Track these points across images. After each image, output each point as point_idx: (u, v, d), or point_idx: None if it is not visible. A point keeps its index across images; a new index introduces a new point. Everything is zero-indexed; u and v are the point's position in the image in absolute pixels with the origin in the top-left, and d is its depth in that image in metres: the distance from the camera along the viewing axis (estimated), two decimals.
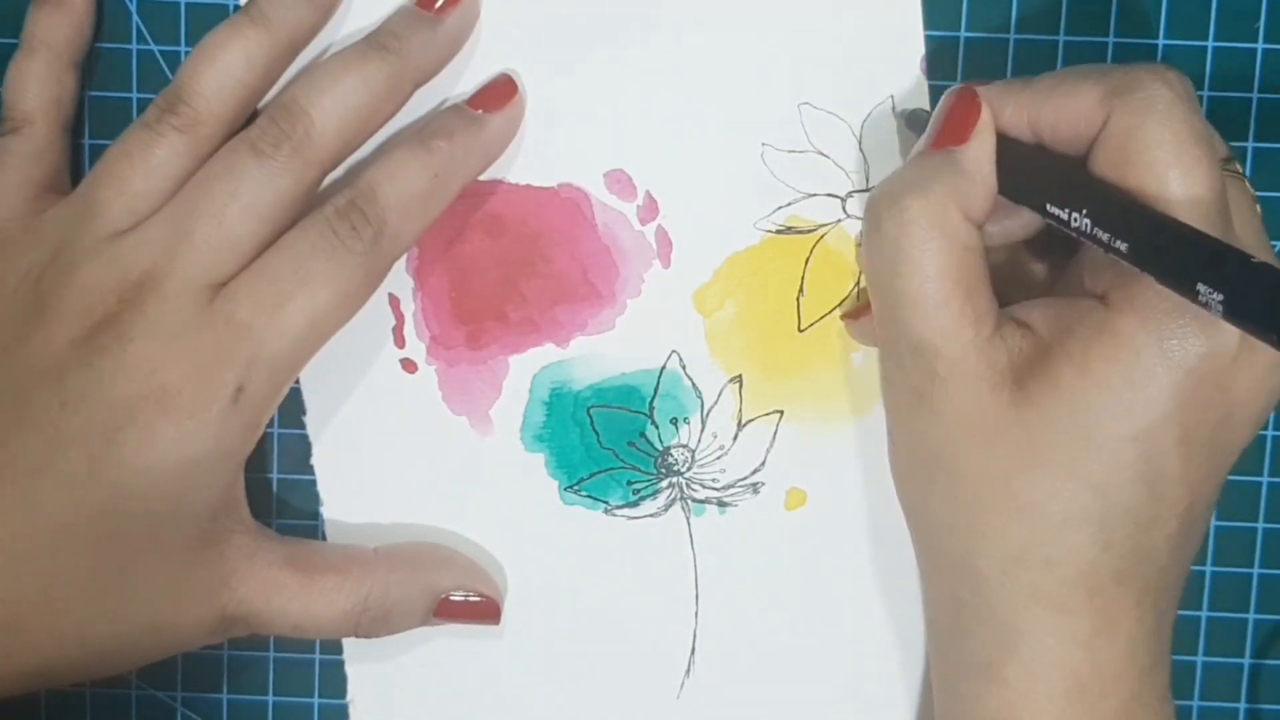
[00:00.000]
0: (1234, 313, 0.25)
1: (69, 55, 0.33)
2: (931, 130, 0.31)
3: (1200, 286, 0.25)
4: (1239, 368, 0.28)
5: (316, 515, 0.35)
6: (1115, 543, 0.28)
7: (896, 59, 0.34)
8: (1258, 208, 0.30)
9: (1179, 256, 0.26)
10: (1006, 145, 0.30)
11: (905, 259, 0.29)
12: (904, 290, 0.30)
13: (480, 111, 0.33)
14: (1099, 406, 0.28)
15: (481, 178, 0.34)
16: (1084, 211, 0.28)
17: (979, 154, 0.30)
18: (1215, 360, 0.28)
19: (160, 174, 0.31)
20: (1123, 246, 0.27)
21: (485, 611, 0.34)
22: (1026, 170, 0.30)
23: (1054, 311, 0.30)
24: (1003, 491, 0.29)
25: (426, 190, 0.31)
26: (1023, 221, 0.32)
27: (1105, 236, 0.27)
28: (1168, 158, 0.28)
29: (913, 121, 0.34)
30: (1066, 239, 0.29)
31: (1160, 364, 0.28)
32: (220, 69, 0.31)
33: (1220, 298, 0.25)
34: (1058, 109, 0.29)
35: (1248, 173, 0.35)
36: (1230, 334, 0.28)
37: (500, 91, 0.33)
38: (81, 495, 0.29)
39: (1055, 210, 0.29)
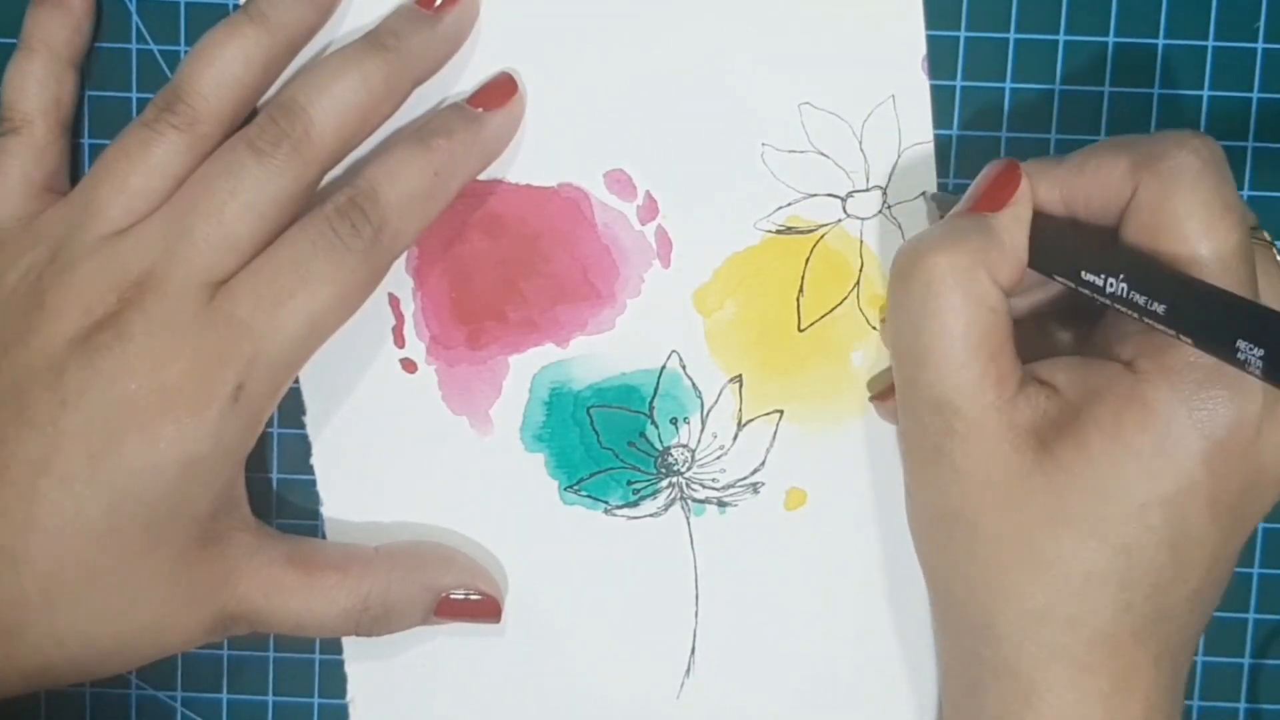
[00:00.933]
0: (1275, 369, 0.25)
1: (68, 55, 0.33)
2: (970, 195, 0.31)
3: (1240, 344, 0.25)
4: (1264, 436, 0.28)
5: (316, 515, 0.35)
6: (1137, 603, 0.29)
7: (897, 59, 0.34)
8: None
9: (1216, 318, 0.26)
10: (1040, 220, 0.30)
11: (931, 316, 0.29)
12: (927, 347, 0.30)
13: (480, 110, 0.33)
14: (1128, 472, 0.28)
15: (481, 177, 0.34)
16: (1120, 276, 0.28)
17: (1013, 223, 0.30)
18: (1242, 430, 0.28)
19: (159, 173, 0.31)
20: (1160, 309, 0.27)
21: (486, 610, 0.34)
22: (1060, 242, 0.30)
23: (1080, 374, 0.30)
24: (1025, 550, 0.29)
25: (427, 188, 0.31)
26: (1049, 297, 0.32)
27: (1141, 300, 0.28)
28: (1197, 226, 0.28)
29: (944, 205, 0.34)
30: (1089, 309, 0.30)
31: (1190, 432, 0.28)
32: (219, 68, 0.31)
33: (1260, 353, 0.25)
34: (1089, 183, 0.30)
35: (1247, 173, 0.35)
36: (1255, 402, 0.28)
37: (500, 90, 0.33)
38: (81, 494, 0.29)
39: (1090, 277, 0.29)
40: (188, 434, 0.29)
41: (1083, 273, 0.29)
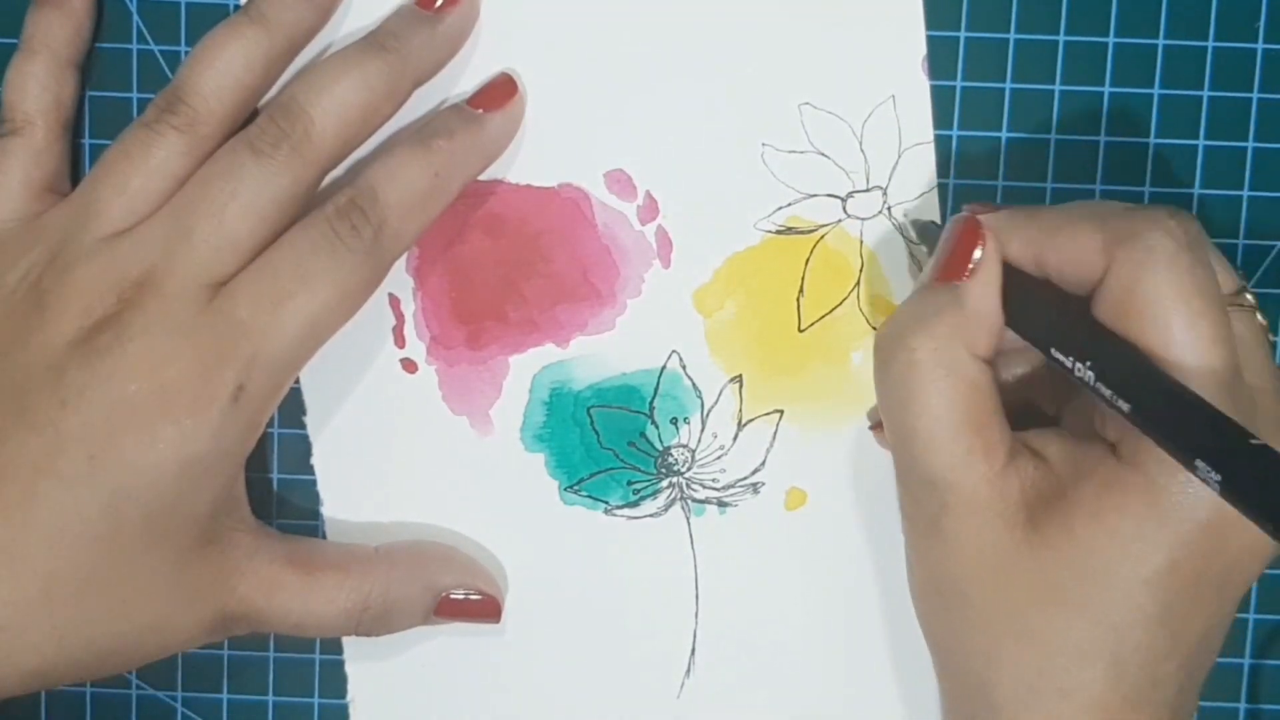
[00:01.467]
0: (1231, 493, 0.24)
1: (69, 56, 0.33)
2: (935, 262, 0.31)
3: (1199, 463, 0.25)
4: (1242, 522, 0.28)
5: (316, 515, 0.35)
6: (1128, 675, 0.29)
7: (897, 59, 0.34)
8: (1271, 339, 0.30)
9: (1181, 425, 0.26)
10: (1015, 279, 0.30)
11: (913, 398, 0.30)
12: (914, 428, 0.30)
13: (480, 111, 0.33)
14: (1111, 553, 0.28)
15: (481, 178, 0.34)
16: (1088, 364, 0.28)
17: (983, 289, 0.30)
18: (1222, 512, 0.28)
19: (159, 174, 0.31)
20: (1125, 407, 0.27)
21: (486, 610, 0.34)
22: (1033, 309, 0.30)
23: (1069, 451, 0.30)
24: (1017, 623, 0.29)
25: (427, 189, 0.32)
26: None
27: (1108, 393, 0.27)
28: (1169, 314, 0.27)
29: (924, 234, 0.34)
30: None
31: (1169, 517, 0.28)
32: (219, 69, 0.31)
33: (1218, 479, 0.25)
34: (1061, 251, 0.29)
35: (1247, 173, 0.35)
36: None
37: (500, 91, 0.33)
38: (82, 495, 0.29)
39: (1060, 357, 0.28)
40: (187, 434, 0.29)
41: (1053, 350, 0.29)
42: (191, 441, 0.29)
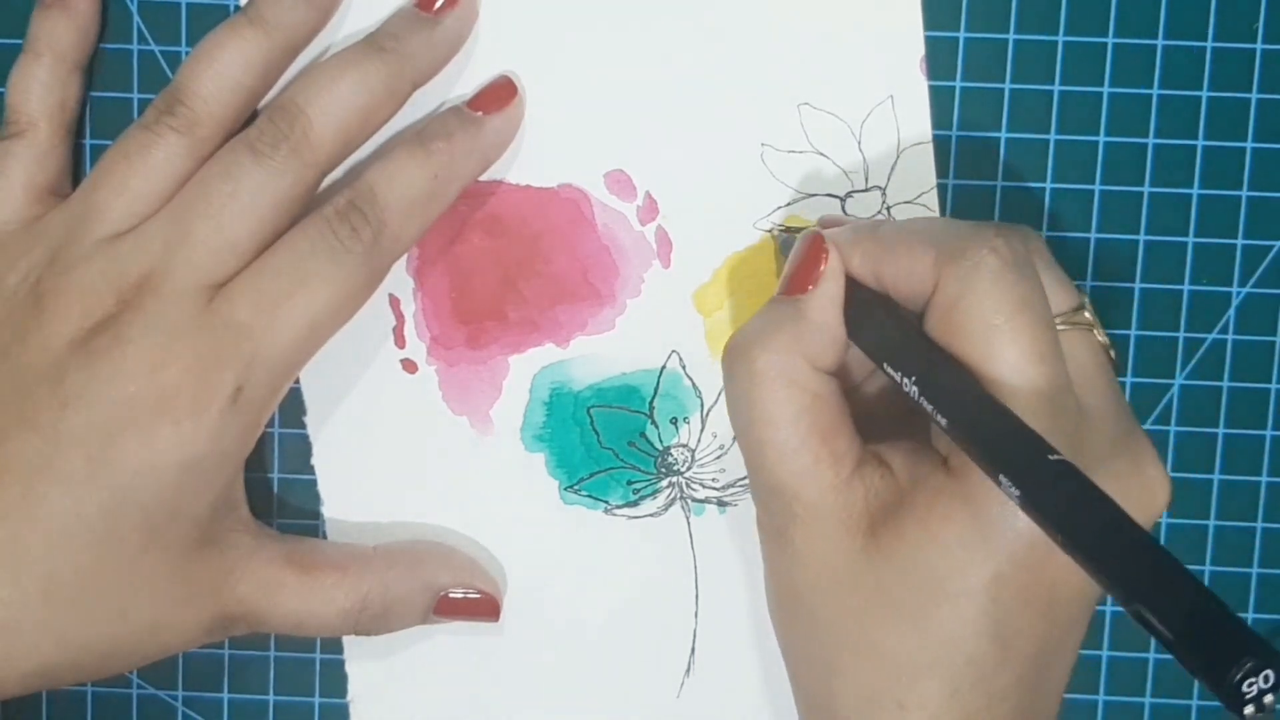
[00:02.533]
0: (1029, 507, 0.25)
1: (73, 59, 0.33)
2: (784, 277, 0.31)
3: (1002, 478, 0.25)
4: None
5: (317, 515, 0.36)
6: (963, 690, 0.28)
7: (896, 59, 0.34)
8: (1110, 354, 0.30)
9: (989, 439, 0.26)
10: (856, 293, 0.30)
11: (756, 408, 0.30)
12: (760, 438, 0.30)
13: (480, 113, 0.33)
14: (939, 564, 0.28)
15: (482, 178, 0.34)
16: (912, 379, 0.28)
17: (823, 303, 0.30)
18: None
19: (159, 175, 0.31)
20: (943, 421, 0.27)
21: (484, 608, 0.34)
22: (870, 323, 0.30)
23: (911, 460, 0.30)
24: (857, 634, 0.29)
25: (426, 191, 0.32)
26: None
27: (929, 408, 0.27)
28: (991, 329, 0.27)
29: (785, 244, 0.34)
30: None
31: (992, 530, 0.27)
32: (219, 70, 0.31)
33: (1017, 494, 0.25)
34: (896, 267, 0.29)
35: (1247, 173, 0.35)
36: None
37: (499, 93, 0.33)
38: (81, 495, 0.29)
39: (890, 371, 0.29)
40: (186, 436, 0.29)
41: (885, 364, 0.29)
42: (190, 443, 0.29)
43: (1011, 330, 0.27)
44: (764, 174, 0.34)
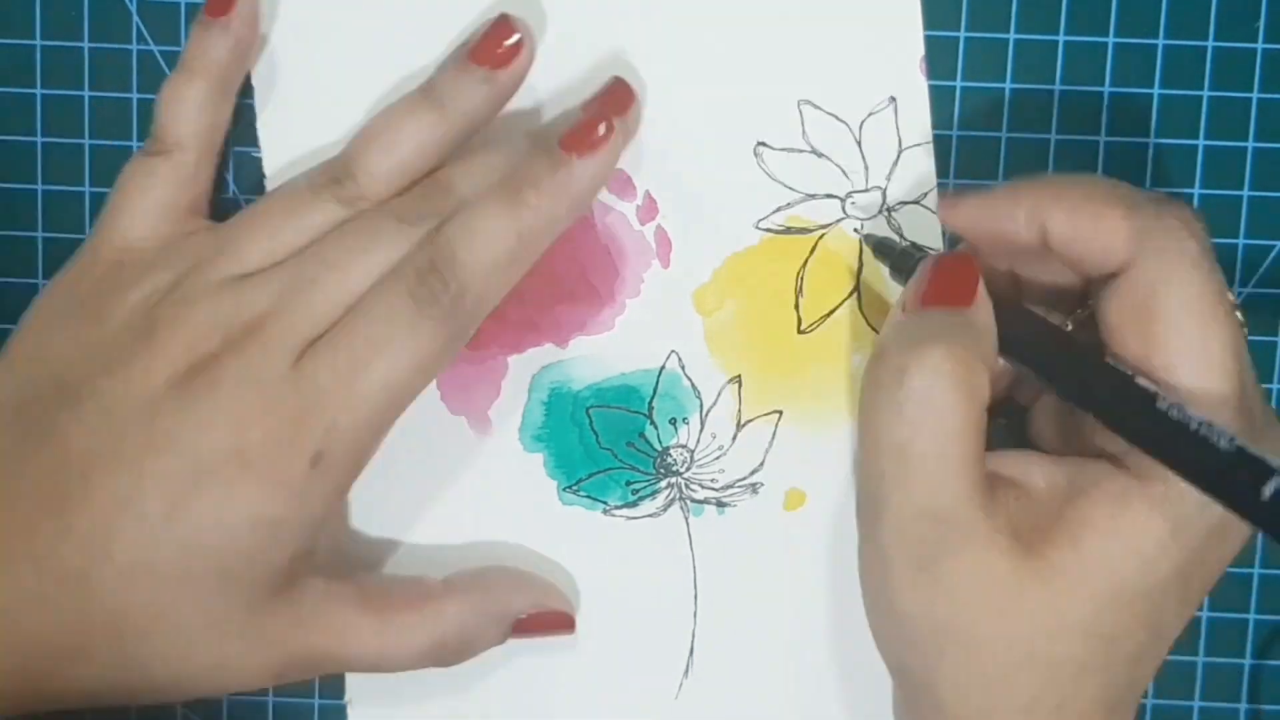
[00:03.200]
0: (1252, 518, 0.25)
1: (227, 81, 0.33)
2: (922, 288, 0.30)
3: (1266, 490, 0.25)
4: (1238, 529, 0.29)
5: None
6: (1116, 684, 0.28)
7: (896, 59, 0.34)
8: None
9: (1194, 461, 0.26)
10: (1007, 314, 0.30)
11: (931, 413, 0.28)
12: (920, 451, 0.28)
13: (572, 156, 0.31)
14: (1125, 569, 0.28)
15: None
16: (1099, 409, 0.28)
17: (986, 313, 0.30)
18: (1225, 519, 0.28)
19: (308, 236, 0.31)
20: (1144, 446, 0.27)
21: (558, 624, 0.34)
22: (1030, 340, 0.30)
23: (1060, 473, 0.29)
24: (1021, 653, 0.28)
25: (510, 251, 0.30)
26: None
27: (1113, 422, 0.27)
28: (1194, 319, 0.27)
29: (881, 249, 0.33)
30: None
31: (1188, 527, 0.27)
32: (392, 151, 0.31)
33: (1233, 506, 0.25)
34: (1077, 227, 0.29)
35: (1247, 173, 0.35)
36: None
37: (593, 132, 0.31)
38: (157, 537, 0.29)
39: (1067, 398, 0.29)
40: (266, 497, 0.29)
41: (1059, 392, 0.29)
42: (269, 504, 0.29)
43: (1216, 322, 0.27)
44: (763, 174, 0.34)
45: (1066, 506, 0.29)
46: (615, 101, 0.33)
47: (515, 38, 0.32)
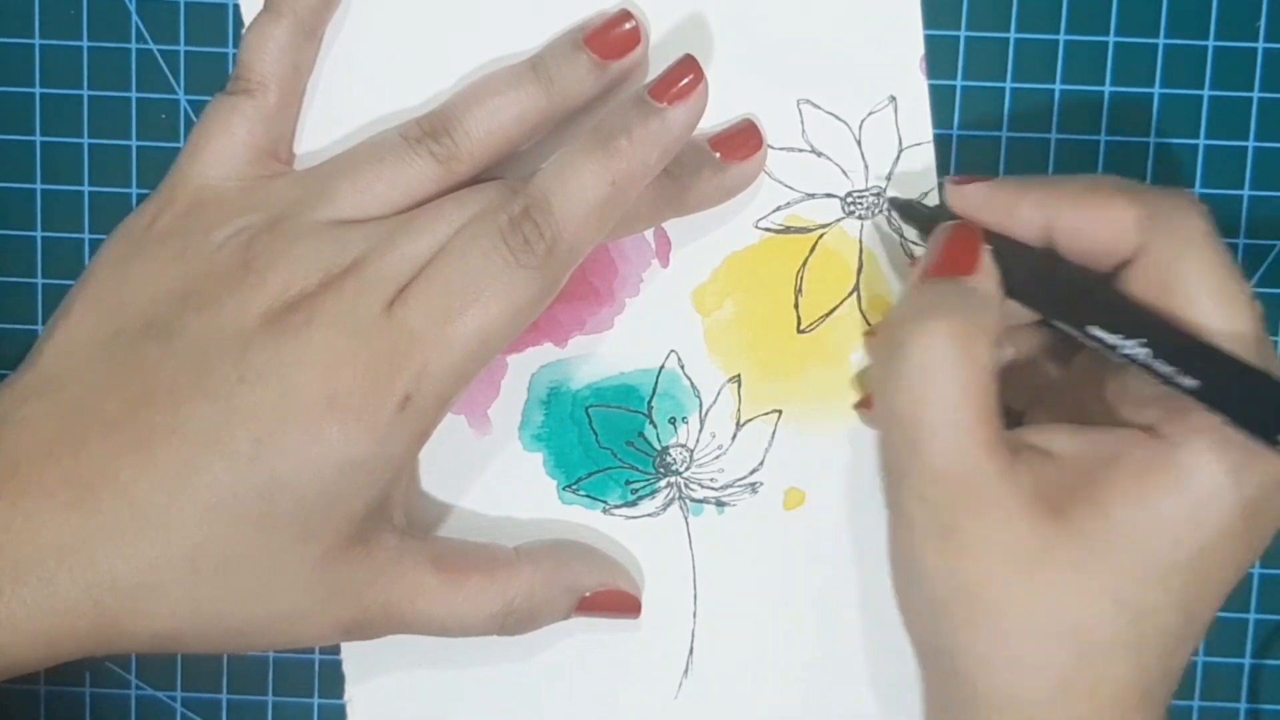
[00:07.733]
0: None
1: (312, 24, 0.33)
2: (932, 259, 0.31)
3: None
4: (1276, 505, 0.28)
5: None
6: (1150, 666, 0.28)
7: (896, 59, 0.34)
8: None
9: (1254, 401, 0.26)
10: (1024, 257, 0.30)
11: (931, 383, 0.28)
12: (928, 419, 0.28)
13: (663, 105, 0.31)
14: (1154, 538, 0.28)
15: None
16: (1142, 341, 0.27)
17: (989, 280, 0.30)
18: (1272, 486, 0.28)
19: (401, 190, 0.31)
20: (1189, 384, 0.27)
21: (625, 605, 0.34)
22: (1057, 287, 0.29)
23: (1088, 441, 0.29)
24: (1048, 621, 0.28)
25: (604, 197, 0.30)
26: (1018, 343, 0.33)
27: (1166, 370, 0.27)
28: (1213, 292, 0.28)
29: (908, 212, 0.34)
30: (1064, 350, 0.30)
31: (1227, 495, 0.27)
32: (493, 116, 0.31)
33: None
34: (1083, 219, 0.29)
35: (1247, 173, 0.35)
36: None
37: (684, 79, 0.31)
38: (242, 474, 0.28)
39: (1101, 334, 0.28)
40: (351, 438, 0.29)
41: (1091, 328, 0.28)
42: (355, 445, 0.29)
43: (1233, 294, 0.28)
44: (763, 174, 0.34)
45: (1095, 472, 0.28)
46: (691, 64, 0.32)
47: (631, 24, 0.32)
